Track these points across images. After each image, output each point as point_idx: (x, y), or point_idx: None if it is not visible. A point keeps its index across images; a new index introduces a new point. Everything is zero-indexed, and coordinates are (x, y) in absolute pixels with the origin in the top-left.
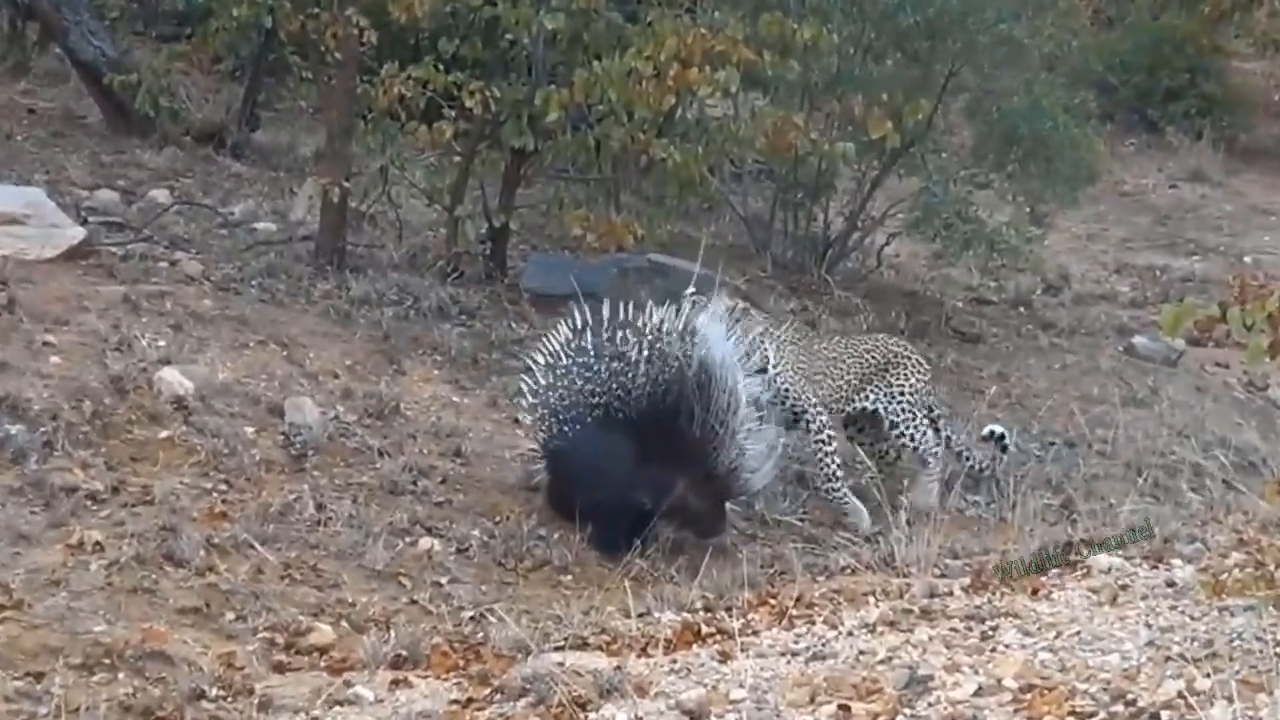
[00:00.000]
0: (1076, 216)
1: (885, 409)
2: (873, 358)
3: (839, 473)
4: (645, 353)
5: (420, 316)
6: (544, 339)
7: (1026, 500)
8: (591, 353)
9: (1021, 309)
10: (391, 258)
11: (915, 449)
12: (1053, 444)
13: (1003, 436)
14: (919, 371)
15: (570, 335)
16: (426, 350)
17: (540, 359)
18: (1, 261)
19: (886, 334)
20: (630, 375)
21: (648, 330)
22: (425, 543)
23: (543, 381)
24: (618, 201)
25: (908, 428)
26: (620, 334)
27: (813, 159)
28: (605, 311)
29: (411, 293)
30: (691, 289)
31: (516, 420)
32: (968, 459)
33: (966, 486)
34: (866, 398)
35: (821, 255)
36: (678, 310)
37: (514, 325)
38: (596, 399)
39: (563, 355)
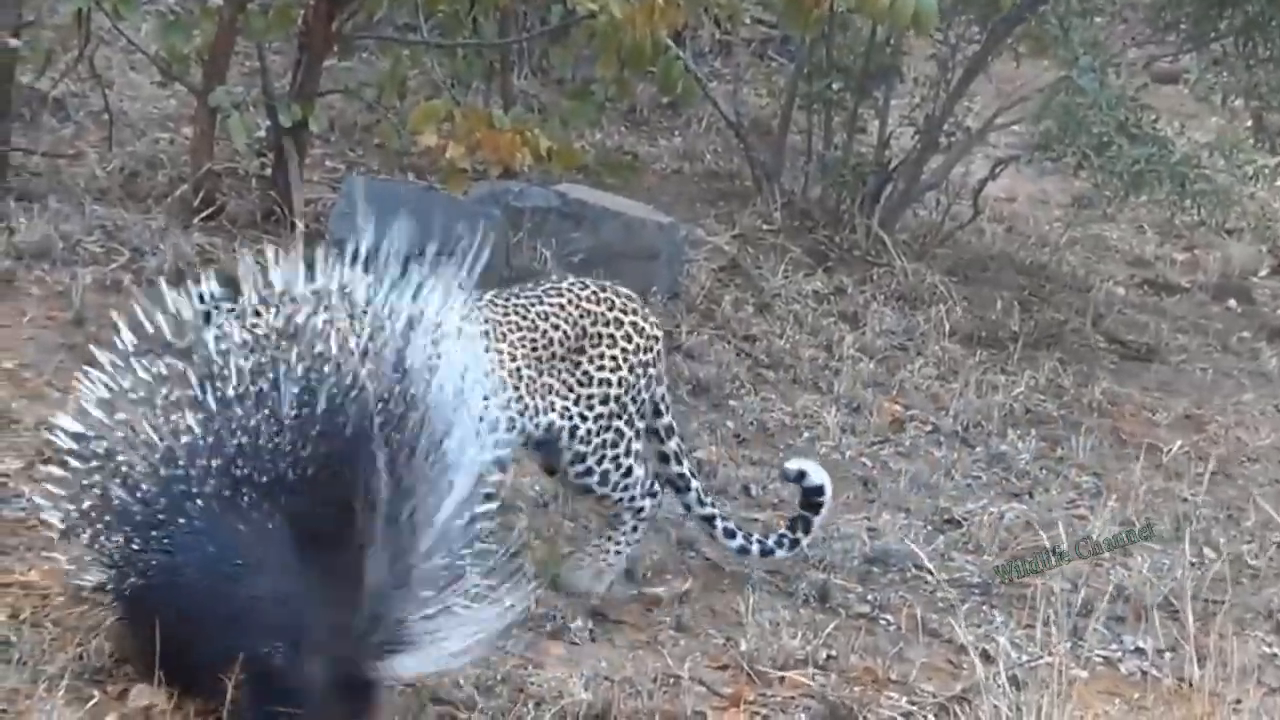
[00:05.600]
0: None
1: (570, 427)
2: (561, 327)
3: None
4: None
5: (143, 285)
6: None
7: (1228, 646)
8: (160, 373)
9: (1233, 302)
10: (94, 176)
11: (607, 495)
12: None
13: (820, 489)
14: (638, 349)
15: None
16: None
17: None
18: None
19: (584, 279)
20: (268, 408)
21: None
22: None
23: (87, 457)
24: (507, 90)
25: (602, 459)
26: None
27: (860, 21)
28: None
29: (128, 241)
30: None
31: None
32: (730, 533)
33: (1113, 618)
34: (548, 406)
35: (874, 195)
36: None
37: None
38: (201, 464)
39: (115, 395)
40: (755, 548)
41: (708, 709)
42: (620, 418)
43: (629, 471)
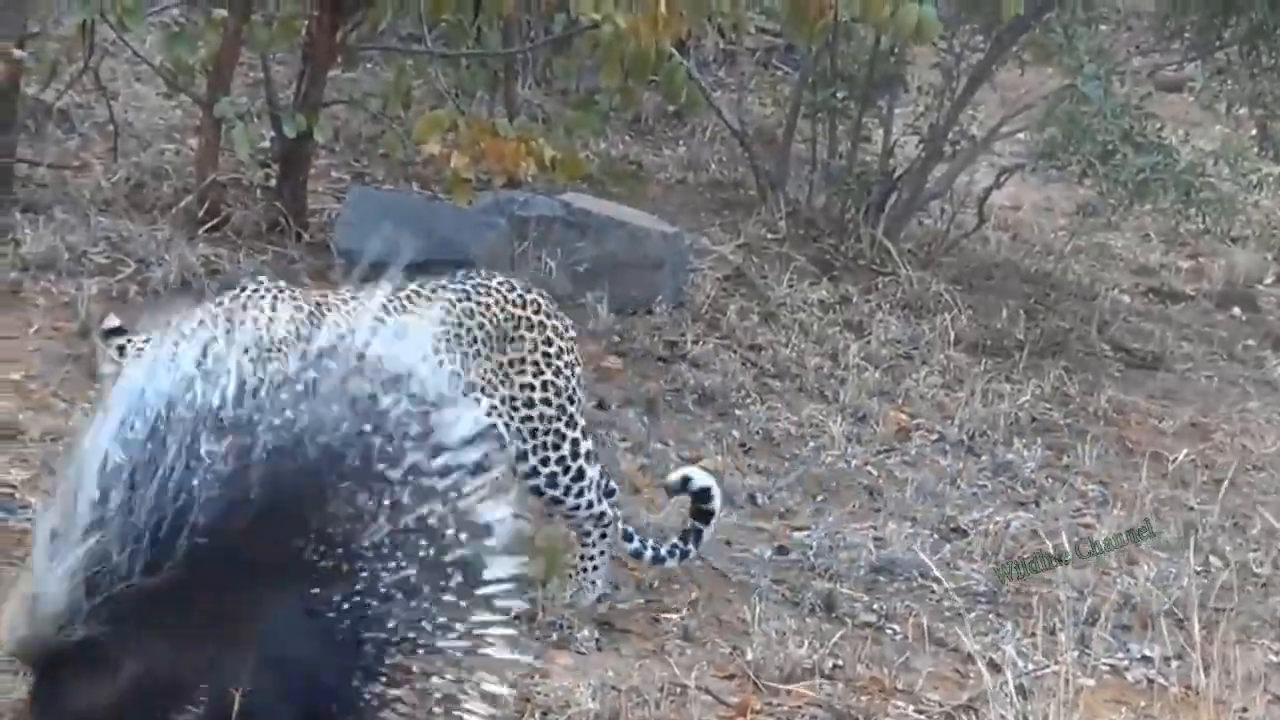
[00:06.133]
0: None
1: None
2: (485, 326)
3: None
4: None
5: (149, 296)
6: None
7: (1234, 654)
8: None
9: (1237, 310)
10: (99, 187)
11: (562, 501)
12: None
13: (706, 491)
14: (561, 351)
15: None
16: None
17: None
18: None
19: (511, 278)
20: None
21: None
22: None
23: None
24: (511, 99)
25: (547, 461)
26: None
27: (864, 30)
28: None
29: (133, 252)
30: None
31: None
32: (629, 536)
33: (1119, 626)
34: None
35: (879, 204)
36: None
37: None
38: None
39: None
40: (649, 553)
41: (714, 718)
42: (559, 420)
43: (580, 474)
